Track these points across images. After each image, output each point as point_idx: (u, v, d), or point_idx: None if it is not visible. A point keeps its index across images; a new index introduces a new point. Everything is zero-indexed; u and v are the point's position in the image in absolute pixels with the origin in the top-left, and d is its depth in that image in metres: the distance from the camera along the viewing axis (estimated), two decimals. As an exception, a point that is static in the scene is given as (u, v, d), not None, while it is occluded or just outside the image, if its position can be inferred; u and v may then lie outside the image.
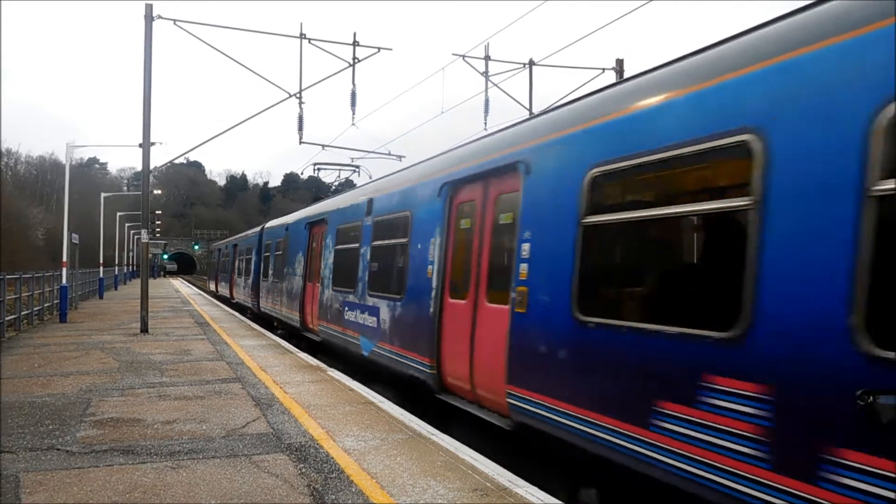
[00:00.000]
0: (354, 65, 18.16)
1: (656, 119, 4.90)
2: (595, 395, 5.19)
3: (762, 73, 4.10)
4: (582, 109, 6.04)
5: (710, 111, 4.41)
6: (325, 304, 13.73)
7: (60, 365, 11.51)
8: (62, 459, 6.00)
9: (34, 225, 65.91)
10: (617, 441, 4.89)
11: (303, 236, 16.53)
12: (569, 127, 6.06)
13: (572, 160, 5.81)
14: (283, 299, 18.26)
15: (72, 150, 27.13)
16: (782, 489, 3.64)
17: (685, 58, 5.06)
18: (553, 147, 6.23)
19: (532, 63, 21.07)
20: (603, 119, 5.54)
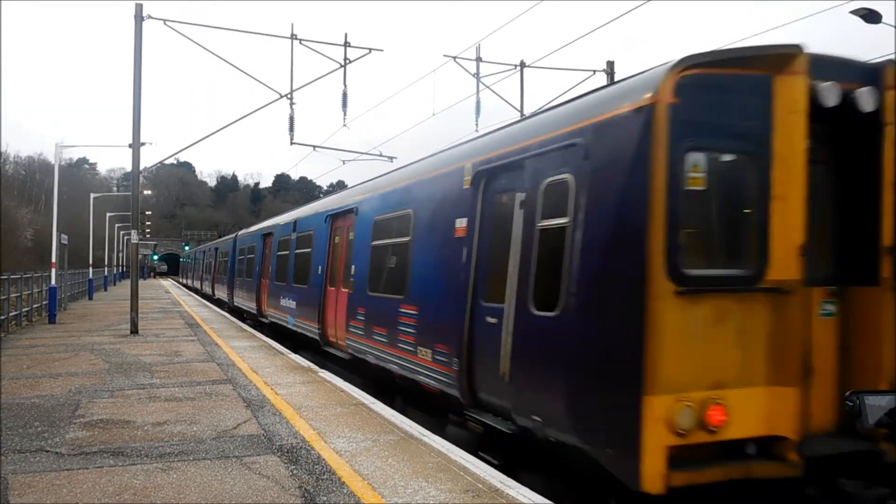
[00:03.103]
0: (346, 66, 18.14)
1: (391, 197, 10.32)
2: (374, 333, 9.97)
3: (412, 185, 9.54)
4: (370, 185, 11.89)
5: (400, 201, 9.83)
6: (271, 295, 18.50)
7: (49, 366, 11.44)
8: (51, 461, 5.97)
9: (23, 226, 65.42)
10: (389, 359, 9.35)
11: (259, 244, 21.14)
12: (368, 193, 11.61)
13: (369, 211, 11.13)
14: (248, 294, 22.43)
15: (61, 150, 27.07)
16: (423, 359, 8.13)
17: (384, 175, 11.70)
18: (364, 203, 11.54)
19: (524, 65, 21.10)
20: (377, 192, 11.08)
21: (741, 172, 5.31)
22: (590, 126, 5.68)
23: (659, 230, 4.86)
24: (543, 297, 5.93)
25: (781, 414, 5.02)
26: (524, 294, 6.20)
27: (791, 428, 4.99)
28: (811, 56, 5.20)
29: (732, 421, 4.96)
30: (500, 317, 6.60)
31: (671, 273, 4.84)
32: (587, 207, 5.49)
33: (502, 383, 6.42)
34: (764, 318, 5.10)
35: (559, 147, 6.02)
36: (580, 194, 5.60)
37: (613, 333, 5.17)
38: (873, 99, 5.30)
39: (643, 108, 5.03)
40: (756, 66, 5.22)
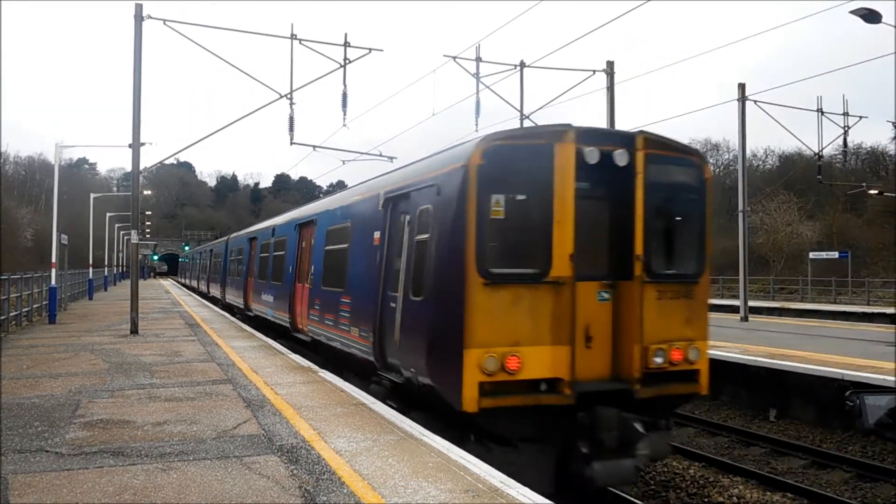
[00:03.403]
0: (345, 66, 18.14)
1: (338, 212, 12.71)
2: (325, 318, 12.45)
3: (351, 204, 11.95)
4: (326, 202, 14.63)
5: (343, 216, 12.25)
6: (255, 292, 20.88)
7: (49, 366, 11.44)
8: (51, 461, 5.97)
9: (23, 226, 65.41)
10: (334, 338, 11.81)
11: (246, 246, 23.59)
12: (323, 208, 14.22)
13: (324, 222, 13.64)
14: (236, 291, 24.71)
15: (61, 150, 27.03)
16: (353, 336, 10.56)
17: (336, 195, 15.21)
18: (320, 216, 14.08)
19: (523, 65, 21.10)
20: (329, 208, 13.64)
21: (532, 206, 7.62)
22: (441, 174, 8.20)
23: (472, 244, 7.40)
24: (417, 288, 8.47)
25: (560, 363, 7.49)
26: (408, 285, 8.73)
27: (566, 372, 7.47)
28: (578, 130, 7.74)
29: (525, 367, 7.43)
30: (396, 302, 9.06)
31: (480, 272, 7.37)
32: (437, 228, 8.06)
33: (396, 348, 8.98)
34: (548, 300, 7.56)
35: (426, 186, 8.59)
36: (435, 219, 8.16)
37: (449, 311, 7.67)
38: (627, 157, 7.85)
39: (464, 166, 7.58)
40: (541, 139, 7.73)
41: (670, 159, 8.35)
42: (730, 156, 70.67)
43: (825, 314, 30.32)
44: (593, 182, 7.91)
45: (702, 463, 10.41)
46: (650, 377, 7.89)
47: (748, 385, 13.73)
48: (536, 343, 7.52)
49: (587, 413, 7.59)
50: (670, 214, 8.38)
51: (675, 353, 8.09)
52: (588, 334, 7.82)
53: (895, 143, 54.18)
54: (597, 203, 8.06)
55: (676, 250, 8.42)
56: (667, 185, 8.24)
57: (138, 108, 16.76)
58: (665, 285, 8.11)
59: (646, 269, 7.92)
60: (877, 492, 9.37)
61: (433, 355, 7.92)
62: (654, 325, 7.94)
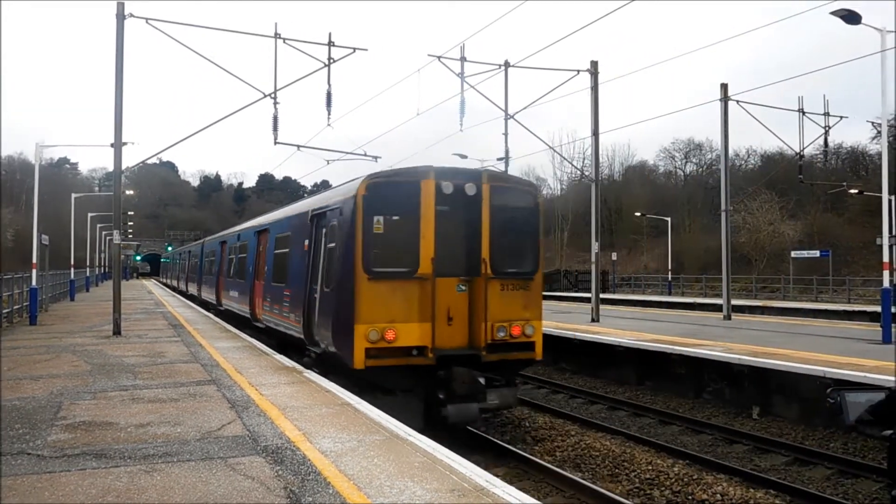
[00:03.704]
0: (330, 65, 18.08)
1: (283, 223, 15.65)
2: (273, 308, 15.08)
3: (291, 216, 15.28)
4: (275, 214, 18.01)
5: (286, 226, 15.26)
6: (225, 288, 23.50)
7: (30, 368, 11.32)
8: (33, 464, 5.91)
9: (3, 226, 64.67)
10: (279, 323, 14.56)
11: (217, 249, 26.40)
12: (273, 219, 17.32)
13: (273, 231, 16.15)
14: (210, 289, 27.44)
15: (41, 149, 26.64)
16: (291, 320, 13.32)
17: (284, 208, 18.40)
18: (272, 225, 16.68)
19: (508, 65, 21.14)
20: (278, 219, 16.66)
21: (404, 224, 10.65)
22: (342, 200, 11.24)
23: (360, 251, 10.39)
24: (327, 282, 11.58)
25: (425, 335, 10.45)
26: (322, 280, 11.85)
27: (429, 342, 10.44)
28: (438, 170, 10.85)
29: (399, 338, 10.38)
30: (317, 293, 12.06)
31: (366, 270, 10.38)
32: (339, 239, 11.08)
33: (317, 328, 11.94)
34: (416, 291, 10.52)
35: (333, 208, 11.63)
36: (338, 232, 11.20)
37: (345, 298, 10.57)
38: (475, 189, 10.94)
39: (354, 196, 10.59)
40: (410, 177, 10.81)
41: (508, 189, 11.51)
42: (712, 155, 71.24)
43: (807, 312, 30.62)
44: (450, 206, 10.85)
45: (686, 461, 10.48)
46: (495, 346, 10.87)
47: (731, 383, 13.84)
48: (407, 321, 10.47)
49: (445, 371, 10.41)
50: (509, 229, 11.26)
51: (515, 329, 11.10)
52: (449, 315, 10.74)
53: (875, 143, 54.75)
54: (454, 221, 10.91)
55: (515, 255, 11.33)
56: (506, 208, 11.24)
57: (120, 108, 16.61)
58: (506, 280, 11.08)
59: (491, 268, 10.91)
60: (858, 488, 9.48)
61: (336, 330, 10.83)
62: (498, 308, 10.91)
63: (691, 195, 68.14)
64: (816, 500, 8.95)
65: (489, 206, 10.99)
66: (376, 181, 10.67)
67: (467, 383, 10.33)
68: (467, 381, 10.33)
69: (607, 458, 10.30)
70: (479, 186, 10.99)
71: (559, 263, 68.38)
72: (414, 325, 10.44)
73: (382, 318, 10.33)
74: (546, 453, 10.86)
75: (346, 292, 10.50)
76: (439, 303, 10.54)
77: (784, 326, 20.71)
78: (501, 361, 10.94)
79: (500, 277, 10.97)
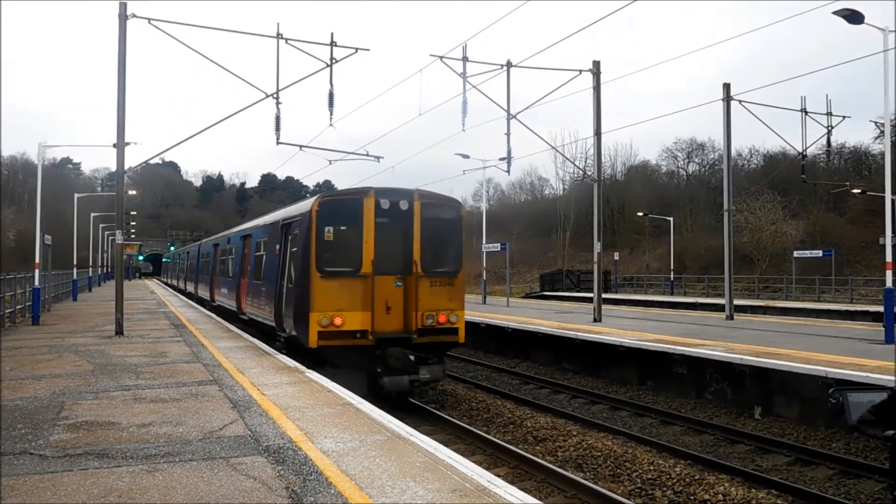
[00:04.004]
0: (332, 65, 18.08)
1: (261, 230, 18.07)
2: (254, 302, 17.54)
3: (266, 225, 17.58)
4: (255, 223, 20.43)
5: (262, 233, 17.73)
6: (217, 286, 26.02)
7: (33, 368, 11.34)
8: (35, 464, 5.92)
9: (6, 226, 64.74)
10: (258, 314, 16.94)
11: (211, 251, 28.96)
12: (254, 226, 19.83)
13: (254, 236, 18.74)
14: (204, 287, 29.86)
15: (44, 149, 26.69)
16: (267, 312, 15.69)
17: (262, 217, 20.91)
18: (253, 231, 19.26)
19: (510, 65, 21.12)
20: (257, 226, 19.13)
21: (350, 233, 13.02)
22: (301, 213, 13.77)
23: (314, 255, 12.73)
24: (290, 279, 14.06)
25: (366, 322, 12.82)
26: (288, 278, 14.25)
27: (370, 327, 12.80)
28: (377, 189, 13.26)
29: (346, 323, 12.66)
30: (284, 288, 14.48)
31: (319, 270, 12.70)
32: (299, 245, 13.49)
33: (284, 317, 14.35)
34: (359, 286, 12.86)
35: (296, 219, 14.19)
36: (299, 239, 13.55)
37: (303, 292, 12.89)
38: (407, 204, 13.31)
39: (310, 210, 12.96)
40: (355, 195, 13.25)
41: (436, 205, 13.82)
42: (715, 155, 71.13)
43: (809, 312, 30.58)
44: (388, 219, 13.23)
45: (688, 461, 10.47)
46: (424, 331, 13.31)
47: (733, 383, 13.83)
48: (352, 310, 12.84)
49: (382, 350, 12.79)
50: (436, 237, 13.66)
51: (441, 317, 13.47)
52: (387, 305, 13.10)
53: (878, 143, 54.67)
54: (391, 231, 13.30)
55: (441, 258, 13.75)
56: (434, 220, 13.63)
57: (122, 108, 16.63)
58: (433, 278, 13.48)
59: (421, 268, 13.34)
60: (860, 488, 9.47)
61: (296, 317, 13.36)
62: (427, 300, 13.32)
63: (693, 195, 68.02)
64: (818, 501, 8.93)
65: (420, 218, 13.42)
66: (327, 199, 13.32)
67: (400, 360, 12.78)
68: (400, 359, 12.78)
69: (609, 459, 10.29)
70: (412, 203, 13.42)
71: (561, 263, 68.37)
72: (357, 314, 12.86)
73: (332, 308, 12.71)
74: (548, 453, 10.85)
75: (304, 287, 12.94)
76: (378, 296, 12.99)
77: (786, 326, 20.68)
78: (430, 343, 13.45)
79: (429, 276, 13.44)
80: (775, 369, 12.53)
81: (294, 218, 14.38)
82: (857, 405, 4.88)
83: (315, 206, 12.99)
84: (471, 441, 11.41)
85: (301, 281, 13.13)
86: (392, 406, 11.83)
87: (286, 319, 14.15)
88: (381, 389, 12.47)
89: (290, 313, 13.82)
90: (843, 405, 5.24)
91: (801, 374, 12.05)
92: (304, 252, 13.11)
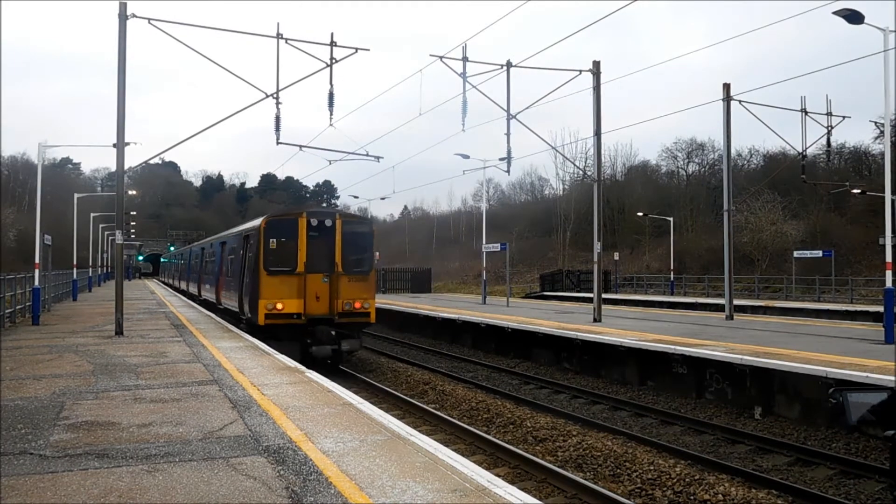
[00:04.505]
0: (332, 65, 18.08)
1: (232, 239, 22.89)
2: (227, 293, 22.60)
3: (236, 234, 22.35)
4: (228, 233, 26.19)
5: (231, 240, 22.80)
6: (203, 284, 30.77)
7: (33, 368, 11.34)
8: (35, 464, 5.92)
9: (6, 226, 64.74)
10: (229, 304, 21.60)
11: (199, 253, 33.80)
12: (227, 235, 25.22)
13: (229, 243, 23.43)
14: (195, 284, 34.07)
15: (44, 149, 26.72)
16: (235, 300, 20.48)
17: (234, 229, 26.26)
18: (228, 238, 24.16)
19: (510, 65, 21.12)
20: (229, 235, 24.51)
21: (288, 243, 17.37)
22: (254, 228, 18.35)
23: (262, 258, 17.35)
24: (247, 276, 18.46)
25: (300, 306, 17.24)
26: (245, 274, 18.74)
27: (303, 311, 17.23)
28: (308, 211, 17.82)
29: (285, 308, 17.11)
30: (244, 283, 18.77)
31: (266, 269, 17.31)
32: (253, 251, 18.04)
33: (243, 304, 18.74)
34: (295, 281, 17.27)
35: (252, 232, 18.55)
36: (253, 247, 18.07)
37: (255, 285, 17.46)
38: (331, 222, 17.70)
39: (258, 226, 17.77)
40: (292, 216, 17.82)
41: (353, 222, 18.66)
42: (715, 155, 71.05)
43: (809, 312, 30.57)
44: (317, 232, 17.57)
45: (688, 461, 10.47)
46: (344, 314, 17.63)
47: (733, 383, 13.83)
48: (290, 298, 17.17)
49: (312, 327, 17.18)
50: (353, 246, 18.07)
51: (357, 304, 17.81)
52: (317, 295, 17.38)
53: (878, 143, 54.66)
54: (319, 241, 17.60)
55: (356, 262, 18.10)
56: (351, 233, 17.99)
57: (122, 108, 16.65)
58: (351, 276, 17.81)
59: (342, 268, 17.71)
60: (860, 488, 9.46)
61: (250, 303, 17.90)
62: (346, 292, 17.65)
63: (694, 195, 67.98)
64: (819, 501, 8.93)
65: (340, 232, 17.74)
66: (272, 218, 18.16)
67: (325, 335, 17.17)
68: (325, 334, 17.18)
69: (609, 459, 10.28)
70: (334, 220, 17.82)
71: (561, 263, 68.35)
72: (294, 301, 17.24)
73: (275, 297, 17.15)
74: (548, 453, 10.85)
75: (256, 282, 17.53)
76: (309, 288, 17.33)
77: (786, 326, 20.68)
78: (348, 323, 17.78)
79: (347, 274, 17.78)
80: (775, 369, 12.53)
81: (250, 231, 18.92)
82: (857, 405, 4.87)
83: (263, 224, 17.64)
84: (471, 441, 11.41)
85: (253, 277, 17.76)
86: (326, 370, 15.28)
87: (244, 305, 18.73)
88: (311, 356, 16.57)
89: (246, 301, 18.45)
90: (844, 405, 5.23)
91: (801, 375, 12.05)
92: (255, 256, 17.67)
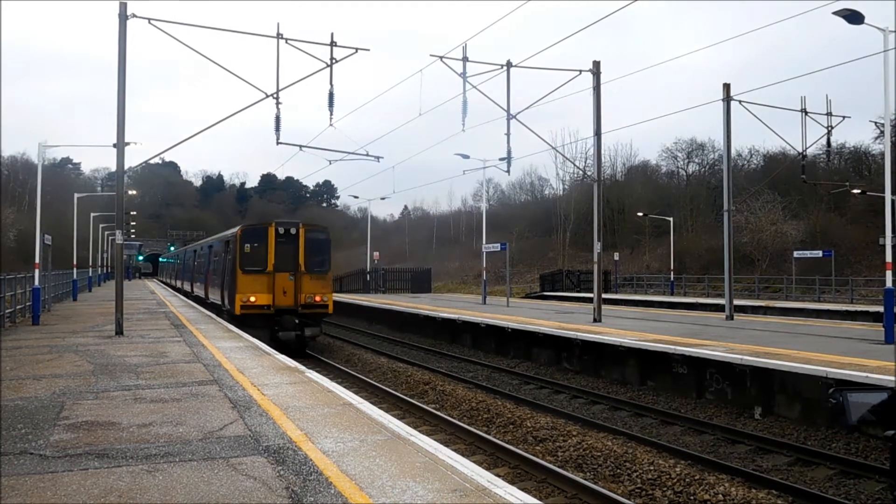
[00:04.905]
0: (332, 65, 18.09)
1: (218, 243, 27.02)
2: (213, 290, 26.52)
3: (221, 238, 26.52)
4: (214, 238, 31.43)
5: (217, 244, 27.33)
6: (194, 282, 34.49)
7: (33, 368, 11.34)
8: (35, 464, 5.92)
9: (6, 226, 64.73)
10: (215, 298, 25.65)
11: (192, 255, 38.33)
12: (213, 239, 30.89)
13: (214, 246, 28.19)
14: (188, 283, 38.27)
15: (44, 149, 26.71)
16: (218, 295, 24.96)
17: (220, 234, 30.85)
18: (214, 242, 28.96)
19: (510, 65, 21.13)
20: (215, 239, 29.44)
21: (260, 248, 21.33)
22: (233, 234, 22.46)
23: (238, 260, 21.24)
24: (227, 274, 22.77)
25: (270, 300, 21.06)
26: (226, 273, 23.05)
27: (272, 303, 21.06)
28: (277, 221, 21.92)
29: (258, 301, 20.95)
30: (226, 280, 22.90)
31: (242, 269, 21.15)
32: (231, 254, 22.13)
33: (224, 297, 23.10)
34: (266, 279, 21.13)
35: (231, 239, 22.78)
36: (231, 251, 22.21)
37: (233, 282, 21.42)
38: (296, 230, 21.59)
39: (235, 233, 22.07)
40: (263, 225, 22.07)
41: (314, 230, 22.10)
42: (715, 155, 71.06)
43: (809, 312, 30.57)
44: (284, 239, 21.16)
45: (688, 461, 10.47)
46: (306, 306, 21.15)
47: (733, 383, 13.83)
48: (261, 293, 20.76)
49: (280, 317, 20.76)
50: (314, 250, 21.68)
51: (317, 298, 21.32)
52: (284, 290, 20.93)
53: (878, 143, 54.65)
54: (286, 246, 21.16)
55: (317, 263, 21.69)
56: (313, 240, 21.71)
57: (122, 108, 16.64)
58: (312, 274, 21.41)
59: (305, 268, 21.25)
60: (860, 488, 9.46)
61: (229, 297, 21.61)
62: (308, 287, 21.23)
63: (694, 195, 67.96)
64: (819, 501, 8.94)
65: (304, 238, 21.41)
66: (246, 228, 21.98)
67: (290, 323, 20.80)
68: (290, 322, 20.81)
69: (609, 459, 10.28)
70: (299, 229, 21.43)
71: (561, 263, 68.36)
72: (265, 295, 20.85)
73: (249, 291, 20.77)
74: (548, 453, 10.85)
75: (233, 279, 21.22)
76: (277, 284, 20.94)
77: (786, 326, 20.68)
78: (310, 313, 21.39)
79: (309, 273, 21.41)
80: (775, 369, 12.53)
81: (230, 237, 22.73)
82: (857, 405, 4.87)
83: (239, 232, 21.59)
84: (471, 441, 11.41)
85: (232, 275, 21.51)
86: (292, 353, 17.22)
87: (225, 299, 22.63)
88: (279, 340, 19.92)
89: (226, 295, 22.31)
90: (844, 405, 5.23)
91: (801, 375, 12.05)
92: (233, 258, 21.46)
